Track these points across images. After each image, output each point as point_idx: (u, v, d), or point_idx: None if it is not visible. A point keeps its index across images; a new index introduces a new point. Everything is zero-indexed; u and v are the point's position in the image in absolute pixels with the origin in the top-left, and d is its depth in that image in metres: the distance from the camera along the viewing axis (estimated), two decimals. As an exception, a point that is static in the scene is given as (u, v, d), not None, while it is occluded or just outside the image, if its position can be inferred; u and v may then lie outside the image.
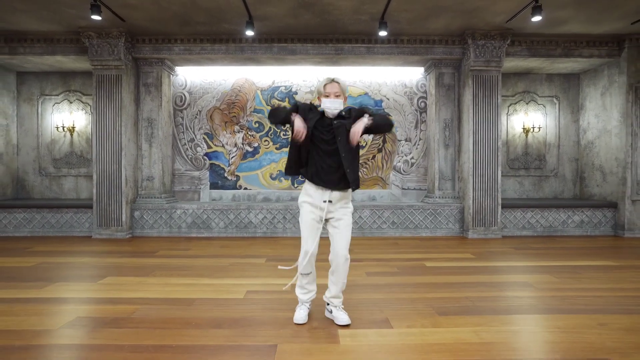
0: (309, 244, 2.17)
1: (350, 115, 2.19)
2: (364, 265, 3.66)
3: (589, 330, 2.14)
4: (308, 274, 2.22)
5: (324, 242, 2.33)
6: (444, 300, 2.66)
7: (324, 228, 2.25)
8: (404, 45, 5.40)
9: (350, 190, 2.23)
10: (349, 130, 2.10)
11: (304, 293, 2.29)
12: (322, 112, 2.20)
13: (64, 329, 2.18)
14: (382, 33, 4.70)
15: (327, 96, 2.16)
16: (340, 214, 2.19)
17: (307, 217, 2.19)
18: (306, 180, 2.23)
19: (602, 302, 2.60)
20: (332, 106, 2.14)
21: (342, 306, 2.28)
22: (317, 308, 2.45)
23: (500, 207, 5.33)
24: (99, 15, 4.17)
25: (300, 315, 2.26)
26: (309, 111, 2.18)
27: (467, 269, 3.57)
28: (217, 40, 5.35)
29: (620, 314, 2.38)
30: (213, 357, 1.85)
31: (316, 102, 2.27)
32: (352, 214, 2.31)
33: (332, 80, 2.17)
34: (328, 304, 2.30)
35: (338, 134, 2.12)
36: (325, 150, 2.14)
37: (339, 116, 2.19)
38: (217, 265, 3.69)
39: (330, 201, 2.17)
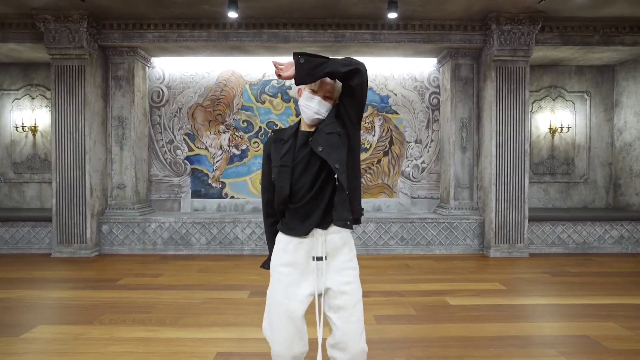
0: (280, 343, 1.33)
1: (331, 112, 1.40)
2: (372, 304, 2.90)
3: None
4: None
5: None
6: (488, 374, 1.91)
7: (314, 308, 1.39)
8: (415, 31, 4.62)
9: (348, 229, 1.38)
10: (333, 132, 1.34)
11: None
12: (297, 129, 1.43)
13: None
14: (392, 15, 3.93)
15: (314, 91, 1.38)
16: (340, 283, 1.35)
17: (282, 293, 1.35)
18: (279, 231, 1.44)
19: None
20: (314, 107, 1.36)
21: None
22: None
23: (527, 221, 4.57)
24: (45, -10, 3.39)
25: None
26: (277, 144, 1.42)
27: (502, 309, 2.82)
28: (196, 25, 4.56)
29: None
30: None
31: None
32: (359, 275, 1.43)
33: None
34: None
35: (318, 145, 1.33)
36: (301, 171, 1.36)
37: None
38: (186, 304, 2.93)
39: (323, 258, 1.37)
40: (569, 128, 5.46)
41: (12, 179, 5.43)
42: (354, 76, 1.27)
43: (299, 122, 1.46)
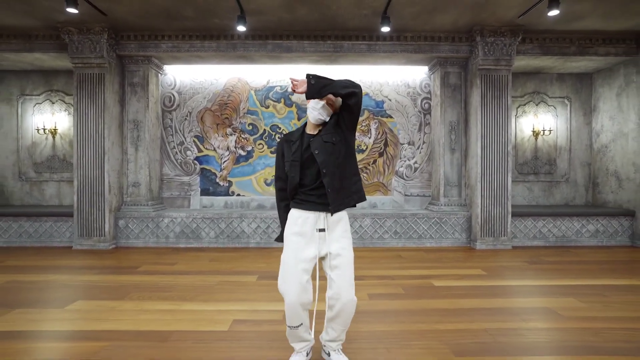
0: (292, 293, 1.71)
1: (331, 120, 1.84)
2: (365, 285, 3.30)
3: (636, 380, 1.79)
4: (297, 326, 1.78)
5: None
6: (460, 334, 2.31)
7: (319, 269, 1.85)
8: (407, 42, 5.04)
9: (344, 212, 1.84)
10: (329, 141, 1.77)
11: (297, 341, 1.88)
12: (303, 132, 1.87)
13: (8, 378, 1.82)
14: (385, 29, 4.35)
15: (319, 99, 1.81)
16: (337, 248, 1.77)
17: (293, 256, 1.75)
18: (291, 209, 1.86)
19: (642, 337, 2.25)
20: (317, 111, 1.80)
21: (341, 348, 1.93)
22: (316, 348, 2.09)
23: (510, 216, 4.98)
24: (75, 8, 3.80)
25: None
26: (288, 143, 1.86)
27: (480, 289, 3.22)
28: (207, 36, 4.98)
29: (668, 354, 2.04)
30: None
31: (305, 103, 1.92)
32: (352, 244, 1.86)
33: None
34: (324, 346, 1.94)
35: (315, 148, 1.77)
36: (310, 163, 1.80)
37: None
38: (202, 285, 3.33)
39: (325, 229, 1.79)
40: (550, 131, 5.88)
41: (32, 178, 5.82)
42: (351, 97, 1.70)
43: (305, 125, 1.88)
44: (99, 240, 4.91)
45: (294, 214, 1.81)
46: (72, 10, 3.80)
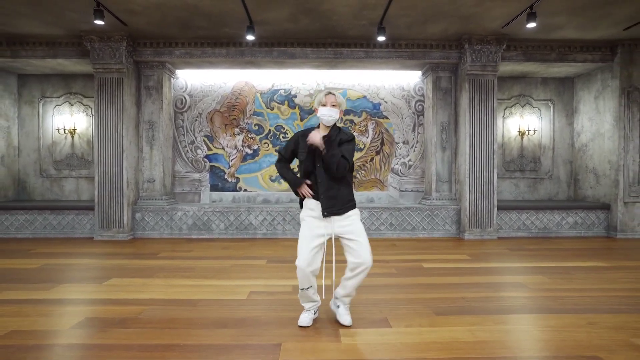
0: (302, 260, 2.14)
1: (337, 137, 2.27)
2: (363, 267, 3.74)
3: (578, 329, 2.23)
4: (307, 288, 2.23)
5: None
6: (441, 300, 2.75)
7: (338, 246, 2.28)
8: (402, 49, 5.49)
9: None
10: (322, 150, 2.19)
11: (307, 302, 2.33)
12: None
13: (74, 329, 2.25)
14: (381, 38, 4.79)
15: (324, 105, 2.24)
16: (347, 224, 2.22)
17: (307, 232, 2.20)
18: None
19: (592, 302, 2.70)
20: (329, 113, 2.23)
21: (349, 305, 2.37)
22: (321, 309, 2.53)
23: (496, 209, 5.43)
24: (102, 20, 4.23)
25: (305, 319, 2.31)
26: (303, 137, 2.28)
27: (463, 270, 3.66)
28: (217, 44, 5.42)
29: (609, 313, 2.49)
30: (220, 355, 1.93)
31: (308, 105, 2.37)
32: (359, 216, 2.31)
33: (330, 92, 2.28)
34: (337, 298, 2.37)
35: (317, 153, 2.22)
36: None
37: (330, 132, 2.30)
38: (219, 267, 3.76)
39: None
40: (535, 131, 6.34)
41: (53, 175, 6.25)
42: (336, 174, 2.18)
43: (318, 127, 2.32)
44: (118, 231, 5.34)
45: (309, 202, 2.26)
46: (99, 22, 4.23)
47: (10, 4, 4.25)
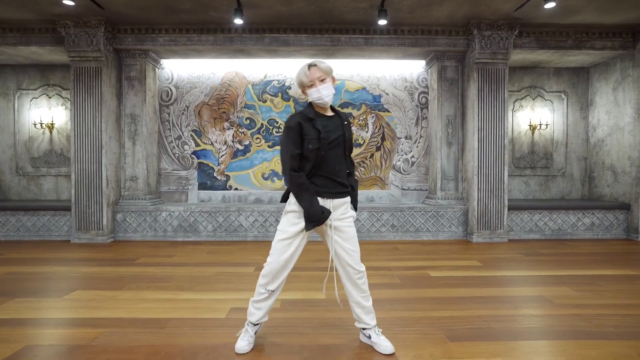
0: (278, 258, 1.87)
1: (344, 122, 1.94)
2: (362, 275, 3.32)
3: (627, 362, 1.82)
4: (273, 290, 1.91)
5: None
6: (454, 320, 2.34)
7: (322, 244, 1.95)
8: (404, 36, 5.05)
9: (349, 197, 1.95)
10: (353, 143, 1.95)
11: (258, 314, 1.94)
12: (313, 115, 1.86)
13: (6, 362, 1.84)
14: (382, 22, 4.36)
15: (311, 85, 1.81)
16: (340, 225, 1.89)
17: (291, 228, 1.85)
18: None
19: (636, 323, 2.28)
20: (321, 94, 1.80)
21: (380, 329, 2.00)
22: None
23: (506, 209, 5.01)
24: (72, 0, 3.79)
25: (243, 344, 1.92)
26: (306, 123, 1.86)
27: (475, 279, 3.25)
28: (204, 30, 4.98)
29: (658, 338, 2.07)
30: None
31: (303, 97, 1.95)
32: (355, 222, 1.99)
33: (310, 65, 1.82)
34: (364, 329, 1.99)
35: (347, 131, 1.92)
36: (331, 153, 1.86)
37: (339, 113, 1.96)
38: (200, 276, 3.35)
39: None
40: (547, 125, 5.91)
41: (30, 173, 5.82)
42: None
43: (309, 109, 1.87)
44: (97, 234, 4.92)
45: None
46: (68, 2, 3.80)
47: (-31, -18, 3.81)
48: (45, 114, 5.76)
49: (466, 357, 1.88)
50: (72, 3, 3.86)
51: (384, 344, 1.89)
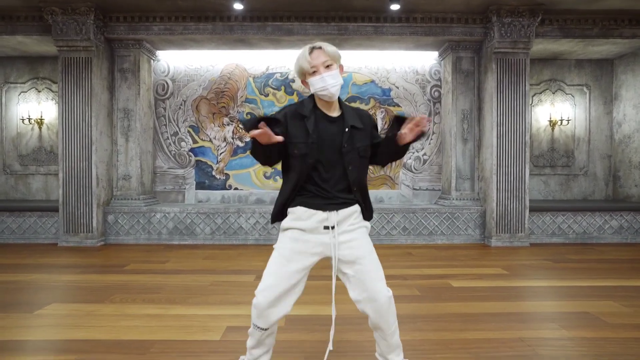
0: (266, 292, 1.36)
1: (362, 122, 1.45)
2: (375, 286, 2.96)
3: None
4: (265, 329, 1.41)
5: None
6: (490, 343, 1.97)
7: (334, 273, 1.48)
8: (417, 24, 4.68)
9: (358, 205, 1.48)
10: (364, 156, 1.46)
11: (257, 346, 1.47)
12: (308, 112, 1.42)
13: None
14: (395, 7, 4.01)
15: (314, 72, 1.37)
16: (351, 238, 1.43)
17: (289, 247, 1.40)
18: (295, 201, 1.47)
19: None
20: (326, 84, 1.35)
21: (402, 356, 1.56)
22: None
23: (527, 211, 4.63)
24: (55, -20, 3.45)
25: None
26: (294, 119, 1.42)
27: (505, 290, 2.88)
28: (202, 18, 4.62)
29: None
30: None
31: (307, 90, 1.49)
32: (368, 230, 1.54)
33: (313, 48, 1.39)
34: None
35: (347, 142, 1.40)
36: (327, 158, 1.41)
37: (346, 114, 1.44)
38: (194, 285, 2.99)
39: (333, 227, 1.41)
40: (568, 121, 5.52)
41: (18, 171, 5.48)
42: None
43: (309, 101, 1.46)
44: (86, 236, 4.58)
45: (298, 210, 1.43)
46: (51, -17, 3.46)
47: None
48: (34, 108, 5.43)
49: (517, 397, 1.51)
50: (55, -16, 3.52)
51: None
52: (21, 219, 4.80)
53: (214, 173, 5.37)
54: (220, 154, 5.37)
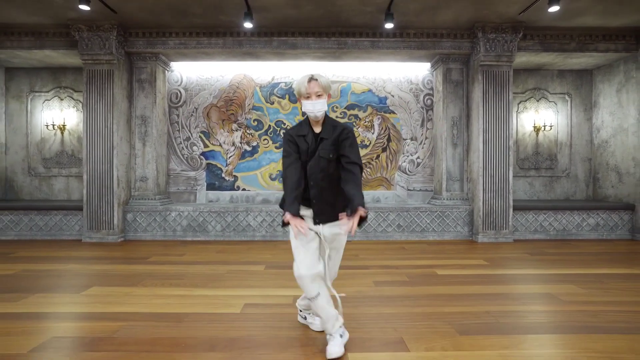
0: (302, 264, 1.87)
1: (332, 134, 1.89)
2: (371, 274, 3.39)
3: (634, 357, 1.88)
4: (316, 296, 1.85)
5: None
6: (463, 315, 2.40)
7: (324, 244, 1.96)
8: (410, 39, 5.13)
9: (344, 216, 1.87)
10: (324, 157, 1.87)
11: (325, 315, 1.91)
12: (305, 132, 1.92)
13: (34, 352, 1.92)
14: (389, 25, 4.44)
15: (308, 97, 1.85)
16: (336, 237, 1.96)
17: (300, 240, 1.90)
18: None
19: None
20: (314, 109, 1.84)
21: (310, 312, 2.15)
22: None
23: (511, 210, 5.06)
24: (87, 5, 3.91)
25: (334, 348, 1.82)
26: (299, 137, 1.92)
27: (483, 277, 3.31)
28: (213, 33, 5.08)
29: (663, 333, 2.13)
30: (203, 390, 1.59)
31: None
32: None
33: (311, 78, 1.85)
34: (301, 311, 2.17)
35: (321, 153, 1.87)
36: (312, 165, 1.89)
37: (323, 129, 1.91)
38: (212, 273, 3.42)
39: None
40: (551, 127, 5.96)
41: (42, 173, 5.93)
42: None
43: (307, 120, 1.95)
44: (108, 233, 5.01)
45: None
46: (84, 7, 3.91)
47: (-12, -12, 3.93)
48: (57, 115, 5.88)
49: (476, 349, 1.94)
50: (87, 8, 3.96)
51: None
52: (48, 217, 5.24)
53: (223, 175, 5.81)
54: (229, 157, 5.81)
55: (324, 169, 1.86)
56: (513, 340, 2.04)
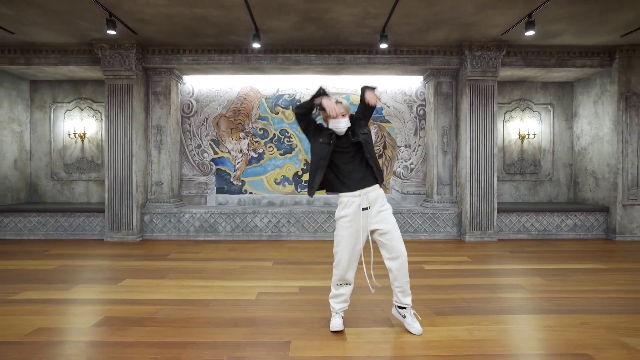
0: (341, 265, 2.31)
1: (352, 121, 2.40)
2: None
3: (572, 329, 2.35)
4: (342, 284, 2.36)
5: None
6: (441, 301, 2.88)
7: (370, 242, 2.36)
8: (403, 55, 5.62)
9: (379, 187, 2.37)
10: (359, 140, 2.34)
11: (338, 302, 2.40)
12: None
13: (95, 327, 2.40)
14: (383, 45, 4.92)
15: (336, 117, 2.33)
16: (382, 219, 2.30)
17: (346, 231, 2.28)
18: (339, 197, 2.36)
19: (587, 303, 2.82)
20: (342, 125, 2.33)
21: (414, 311, 2.40)
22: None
23: (496, 212, 5.55)
24: (114, 30, 4.39)
25: (337, 322, 2.35)
26: (321, 130, 2.40)
27: (463, 271, 3.79)
28: (224, 51, 5.56)
29: (602, 313, 2.60)
30: (234, 352, 2.07)
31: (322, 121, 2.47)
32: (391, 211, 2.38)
33: (338, 102, 2.35)
34: (399, 305, 2.40)
35: (361, 139, 2.35)
36: (343, 160, 2.34)
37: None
38: (227, 268, 3.90)
39: (368, 207, 2.29)
40: (535, 134, 6.44)
41: (63, 178, 6.42)
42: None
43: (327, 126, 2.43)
44: (128, 233, 5.50)
45: (343, 199, 2.34)
46: (111, 32, 4.39)
47: (27, 15, 4.41)
48: (77, 124, 6.37)
49: (447, 325, 2.42)
50: (114, 32, 4.44)
51: (414, 325, 2.30)
52: (72, 218, 5.72)
53: (231, 180, 6.30)
54: (237, 163, 6.30)
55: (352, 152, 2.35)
56: (478, 319, 2.52)
